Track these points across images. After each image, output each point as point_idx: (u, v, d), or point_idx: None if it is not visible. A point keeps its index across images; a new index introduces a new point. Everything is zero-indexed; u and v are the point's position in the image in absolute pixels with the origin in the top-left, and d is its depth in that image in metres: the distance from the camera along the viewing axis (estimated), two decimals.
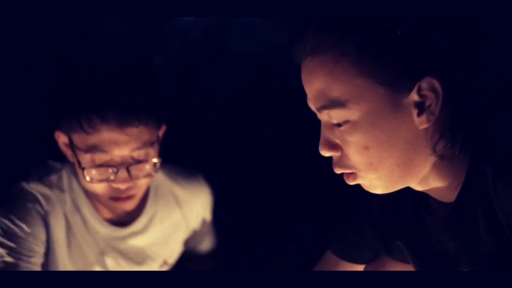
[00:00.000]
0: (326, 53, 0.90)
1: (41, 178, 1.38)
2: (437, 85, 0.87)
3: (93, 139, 1.25)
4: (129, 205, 1.36)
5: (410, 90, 0.88)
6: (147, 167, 1.32)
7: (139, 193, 1.36)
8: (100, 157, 1.27)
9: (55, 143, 1.35)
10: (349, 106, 0.90)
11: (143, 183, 1.34)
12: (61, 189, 1.39)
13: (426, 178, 0.95)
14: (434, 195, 0.99)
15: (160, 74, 1.32)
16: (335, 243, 1.24)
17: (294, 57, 0.95)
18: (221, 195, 1.57)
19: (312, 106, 0.95)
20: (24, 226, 1.31)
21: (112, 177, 1.29)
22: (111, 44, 1.35)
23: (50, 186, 1.38)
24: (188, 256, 1.59)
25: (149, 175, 1.33)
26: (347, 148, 0.93)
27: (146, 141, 1.29)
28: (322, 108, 0.93)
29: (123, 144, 1.26)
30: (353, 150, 0.92)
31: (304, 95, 0.95)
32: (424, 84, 0.88)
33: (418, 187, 0.98)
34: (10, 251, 1.27)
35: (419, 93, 0.88)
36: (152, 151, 1.32)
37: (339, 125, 0.92)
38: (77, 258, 1.40)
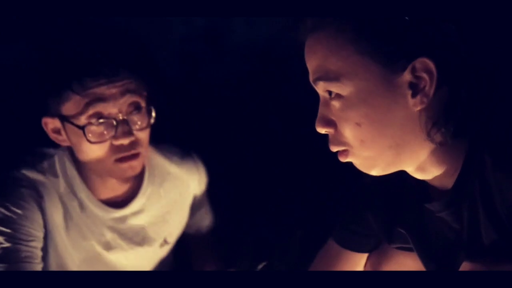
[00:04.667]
0: (325, 29, 0.92)
1: (34, 165, 1.39)
2: (431, 66, 0.88)
3: (85, 99, 1.27)
4: (136, 165, 1.35)
5: (404, 69, 0.88)
6: (145, 115, 1.33)
7: (142, 151, 1.35)
8: (96, 114, 1.28)
9: (45, 133, 1.36)
10: (342, 81, 0.91)
11: (144, 137, 1.34)
12: (55, 175, 1.40)
13: (423, 165, 0.95)
14: (434, 183, 1.00)
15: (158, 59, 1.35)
16: (337, 231, 1.25)
17: (297, 36, 0.97)
18: (225, 186, 1.60)
19: (311, 79, 0.97)
20: (19, 211, 1.32)
21: (113, 133, 1.29)
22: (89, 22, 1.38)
23: (43, 172, 1.38)
24: (188, 234, 1.59)
25: (148, 126, 1.34)
26: (341, 124, 0.94)
27: (138, 91, 1.32)
28: (318, 79, 0.94)
29: (116, 97, 1.28)
30: (346, 127, 0.93)
31: (306, 84, 0.96)
32: (418, 64, 0.88)
33: (417, 175, 0.99)
34: (8, 237, 1.29)
35: (413, 73, 0.88)
36: (145, 100, 1.34)
37: (333, 98, 0.93)
38: (77, 240, 1.41)
